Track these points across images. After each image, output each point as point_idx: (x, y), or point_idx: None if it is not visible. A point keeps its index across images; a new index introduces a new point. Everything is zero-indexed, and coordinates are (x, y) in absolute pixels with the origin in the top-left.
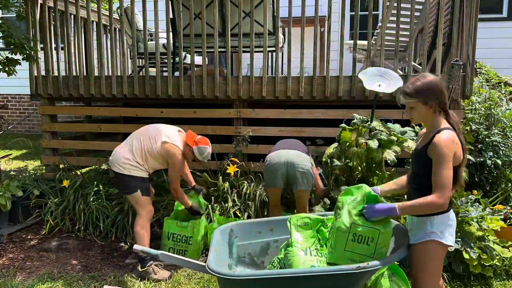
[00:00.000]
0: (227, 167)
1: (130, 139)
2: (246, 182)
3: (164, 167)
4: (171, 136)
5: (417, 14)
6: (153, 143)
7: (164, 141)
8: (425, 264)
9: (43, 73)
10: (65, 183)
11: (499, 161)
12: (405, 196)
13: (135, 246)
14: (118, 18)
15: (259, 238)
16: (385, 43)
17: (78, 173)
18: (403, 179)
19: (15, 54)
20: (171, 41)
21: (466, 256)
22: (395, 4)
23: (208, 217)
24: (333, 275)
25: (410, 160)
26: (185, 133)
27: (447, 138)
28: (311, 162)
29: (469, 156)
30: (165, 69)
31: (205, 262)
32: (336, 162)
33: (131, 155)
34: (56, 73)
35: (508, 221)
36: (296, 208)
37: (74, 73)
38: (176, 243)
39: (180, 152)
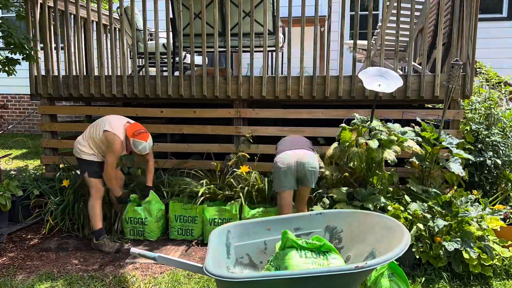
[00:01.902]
0: (228, 164)
1: (88, 127)
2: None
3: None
4: (114, 126)
5: (417, 14)
6: (98, 131)
7: (105, 129)
8: None
9: (43, 73)
10: (65, 182)
11: (499, 161)
12: None
13: (132, 250)
14: (118, 18)
15: (256, 238)
16: (385, 43)
17: (78, 172)
18: None
19: (15, 54)
20: (171, 41)
21: (466, 255)
22: (395, 4)
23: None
24: (332, 275)
25: None
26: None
27: None
28: (318, 158)
29: (469, 156)
30: (165, 69)
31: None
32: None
33: (83, 141)
34: (56, 73)
35: (508, 221)
36: (297, 203)
37: (74, 73)
38: (134, 225)
39: (119, 141)
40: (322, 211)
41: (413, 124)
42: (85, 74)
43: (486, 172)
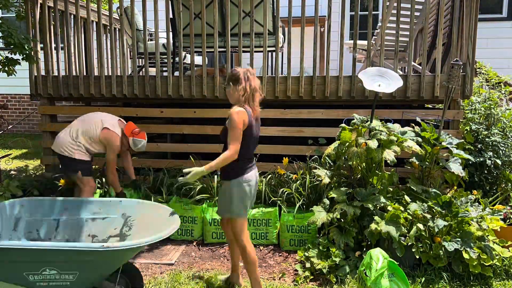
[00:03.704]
0: None
1: (73, 125)
2: None
3: (102, 150)
4: (112, 124)
5: (417, 14)
6: (95, 129)
7: (105, 127)
8: None
9: (43, 73)
10: (61, 182)
11: (499, 161)
12: None
13: None
14: (118, 18)
15: (50, 216)
16: (385, 43)
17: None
18: None
19: (15, 54)
20: (171, 41)
21: (466, 256)
22: (395, 4)
23: None
24: (80, 251)
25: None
26: (125, 123)
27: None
28: None
29: (469, 156)
30: (165, 69)
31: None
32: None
33: (73, 141)
34: (56, 73)
35: (508, 221)
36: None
37: (74, 73)
38: None
39: (119, 139)
40: (122, 199)
41: (413, 124)
42: (85, 74)
43: (486, 172)
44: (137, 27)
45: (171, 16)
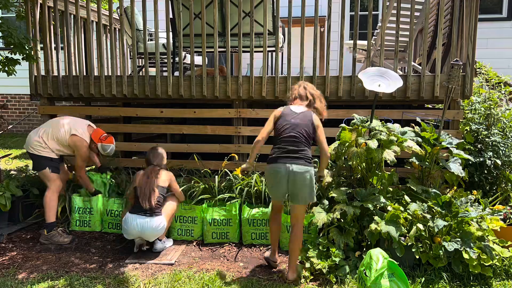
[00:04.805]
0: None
1: (44, 126)
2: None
3: (70, 153)
4: (81, 130)
5: (417, 14)
6: (64, 134)
7: (73, 134)
8: None
9: (43, 73)
10: None
11: (498, 161)
12: None
13: None
14: (118, 18)
15: None
16: (385, 43)
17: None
18: None
19: (15, 54)
20: (171, 41)
21: (465, 256)
22: (395, 4)
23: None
24: None
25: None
26: (94, 127)
27: None
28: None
29: (468, 156)
30: (165, 69)
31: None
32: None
33: (41, 139)
34: (55, 73)
35: (508, 221)
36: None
37: (74, 73)
38: (81, 214)
39: (87, 145)
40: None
41: (413, 124)
42: (85, 74)
43: (486, 172)
44: (137, 27)
45: (171, 16)
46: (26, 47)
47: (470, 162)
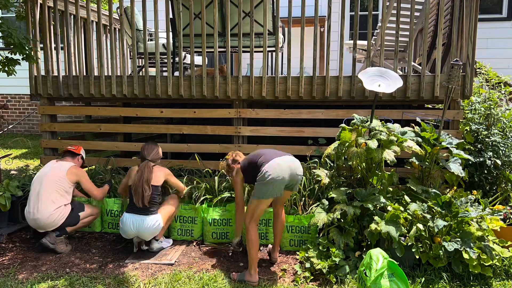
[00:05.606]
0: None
1: (42, 198)
2: None
3: (71, 191)
4: (66, 166)
5: (417, 14)
6: (61, 181)
7: (67, 174)
8: None
9: (42, 73)
10: None
11: (498, 161)
12: None
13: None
14: (118, 18)
15: None
16: (385, 43)
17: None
18: None
19: (15, 54)
20: (171, 41)
21: (465, 256)
22: (395, 4)
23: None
24: None
25: None
26: (62, 157)
27: None
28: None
29: (468, 156)
30: (165, 69)
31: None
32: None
33: (53, 205)
34: (55, 73)
35: (508, 221)
36: (277, 205)
37: (74, 73)
38: None
39: (77, 166)
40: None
41: (413, 124)
42: (85, 74)
43: (486, 172)
44: (137, 27)
45: (171, 16)
46: (26, 47)
47: (470, 162)
